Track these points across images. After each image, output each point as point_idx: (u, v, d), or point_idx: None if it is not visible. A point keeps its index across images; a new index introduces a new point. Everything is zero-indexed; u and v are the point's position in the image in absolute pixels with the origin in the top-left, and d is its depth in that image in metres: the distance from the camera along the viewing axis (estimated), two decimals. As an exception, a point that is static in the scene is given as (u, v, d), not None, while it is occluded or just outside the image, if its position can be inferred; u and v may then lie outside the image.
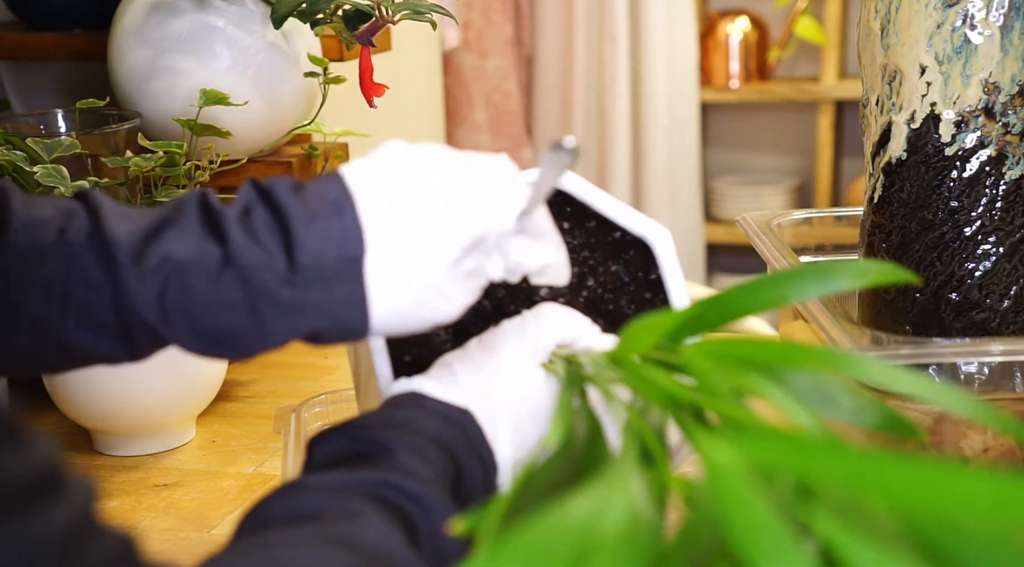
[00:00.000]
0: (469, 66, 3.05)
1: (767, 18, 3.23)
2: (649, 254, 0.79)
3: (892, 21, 0.93)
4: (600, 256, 0.80)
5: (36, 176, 1.03)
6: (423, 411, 0.65)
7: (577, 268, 0.79)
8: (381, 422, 0.63)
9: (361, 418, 0.64)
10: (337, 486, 0.57)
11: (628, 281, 0.80)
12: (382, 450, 0.61)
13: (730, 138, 3.40)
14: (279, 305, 0.63)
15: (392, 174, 0.65)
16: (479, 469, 0.65)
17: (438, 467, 0.62)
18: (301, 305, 0.63)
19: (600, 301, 0.80)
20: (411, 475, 0.59)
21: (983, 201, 0.91)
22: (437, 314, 0.65)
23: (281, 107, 1.28)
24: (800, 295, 0.62)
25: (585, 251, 0.80)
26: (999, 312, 0.91)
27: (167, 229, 0.64)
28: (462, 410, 0.65)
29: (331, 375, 1.26)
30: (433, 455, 0.62)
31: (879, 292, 0.96)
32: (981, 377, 0.90)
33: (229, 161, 1.21)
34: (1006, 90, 0.90)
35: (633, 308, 0.80)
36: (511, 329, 0.71)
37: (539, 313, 0.73)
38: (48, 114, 1.24)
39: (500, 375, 0.68)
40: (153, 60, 1.25)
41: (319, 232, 0.62)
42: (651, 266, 0.80)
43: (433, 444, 0.63)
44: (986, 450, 0.88)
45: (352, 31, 1.18)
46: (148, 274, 0.63)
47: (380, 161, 0.66)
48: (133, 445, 1.10)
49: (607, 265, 0.80)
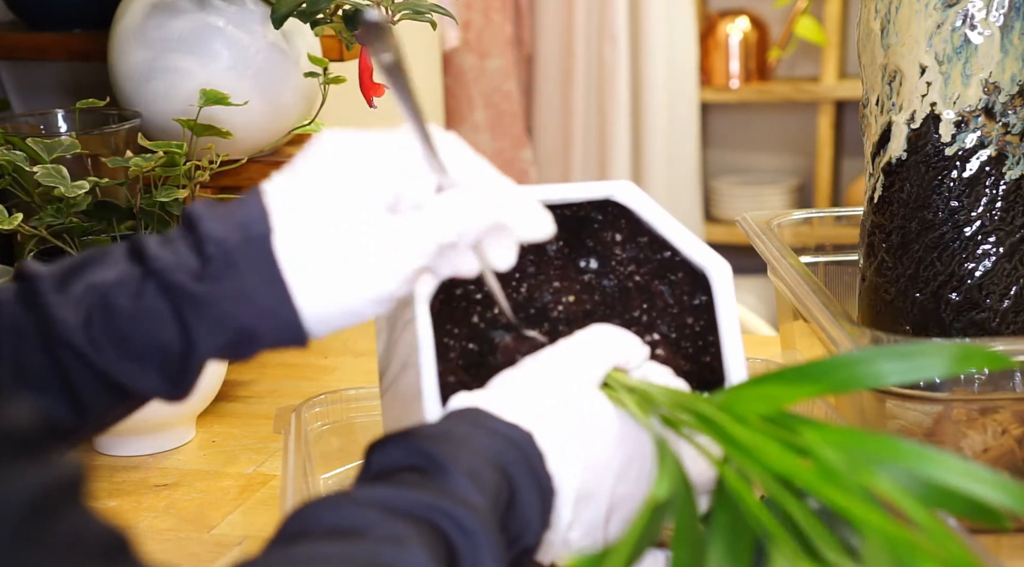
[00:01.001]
0: (469, 66, 3.05)
1: (767, 18, 3.23)
2: (697, 279, 0.77)
3: (892, 21, 0.93)
4: (647, 273, 0.78)
5: (36, 176, 1.03)
6: (484, 430, 0.63)
7: (619, 282, 0.78)
8: (440, 436, 0.62)
9: (421, 429, 0.62)
10: (387, 504, 0.56)
11: (672, 303, 0.78)
12: (438, 468, 0.59)
13: (730, 138, 3.40)
14: (198, 303, 0.60)
15: (297, 160, 0.64)
16: (536, 494, 0.63)
17: (491, 492, 0.60)
18: (218, 298, 0.60)
19: (639, 323, 0.78)
20: (462, 502, 0.57)
21: (983, 201, 0.91)
22: (371, 288, 0.62)
23: (281, 107, 1.28)
24: (898, 378, 0.63)
25: (632, 265, 0.78)
26: (999, 312, 0.91)
27: (91, 264, 0.63)
28: (524, 433, 0.64)
29: (331, 375, 1.26)
30: (489, 478, 0.60)
31: (879, 292, 0.96)
32: (981, 377, 0.90)
33: (229, 161, 1.21)
34: (1006, 90, 0.90)
35: (674, 333, 0.78)
36: (567, 350, 0.70)
37: (594, 334, 0.71)
38: (48, 114, 1.25)
39: (561, 398, 0.66)
40: (153, 60, 1.25)
41: (222, 222, 0.61)
42: (697, 291, 0.78)
43: (491, 466, 0.61)
44: (986, 450, 0.88)
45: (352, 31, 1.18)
46: (72, 303, 0.61)
47: (295, 158, 0.65)
48: (133, 445, 1.10)
49: (653, 284, 0.78)
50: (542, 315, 0.77)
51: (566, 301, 0.77)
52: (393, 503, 0.56)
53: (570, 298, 0.78)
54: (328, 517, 0.55)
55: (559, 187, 0.78)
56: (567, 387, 0.67)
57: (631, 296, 0.78)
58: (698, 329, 0.78)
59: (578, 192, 0.78)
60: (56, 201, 1.05)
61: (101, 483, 1.04)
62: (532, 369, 0.68)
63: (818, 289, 0.92)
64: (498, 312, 0.75)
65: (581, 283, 0.78)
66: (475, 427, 0.63)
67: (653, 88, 3.08)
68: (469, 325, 0.75)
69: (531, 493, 0.62)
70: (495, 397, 0.66)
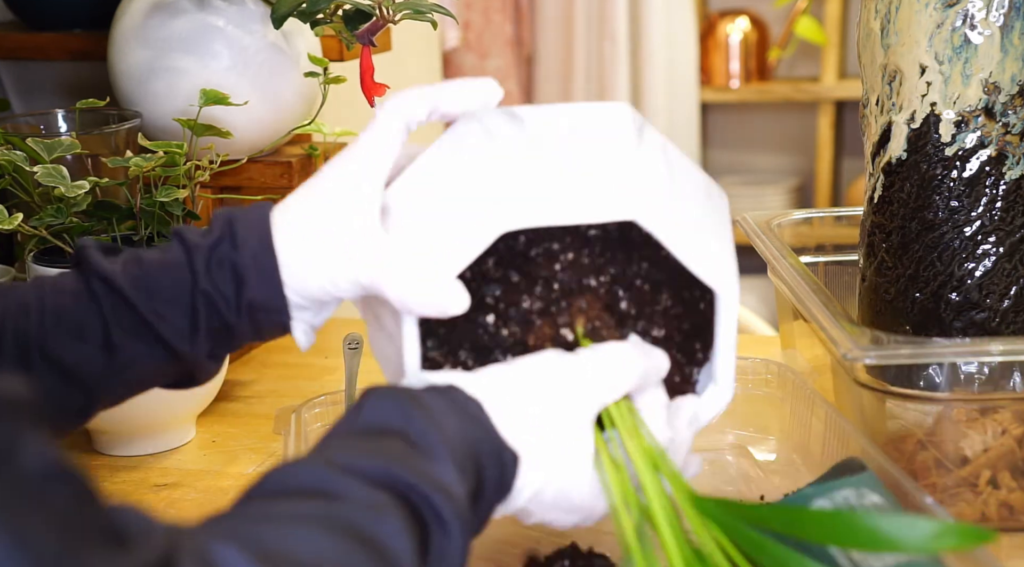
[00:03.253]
0: (469, 66, 3.05)
1: (767, 18, 3.23)
2: (705, 289, 0.75)
3: (892, 21, 0.93)
4: (655, 281, 0.76)
5: (36, 176, 1.03)
6: (481, 432, 0.64)
7: (630, 294, 0.75)
8: (439, 414, 0.62)
9: (422, 397, 0.63)
10: (368, 473, 0.57)
11: (672, 305, 0.76)
12: (428, 449, 0.60)
13: (730, 138, 3.40)
14: (204, 249, 0.70)
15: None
16: (495, 503, 0.66)
17: (471, 485, 0.62)
18: (219, 244, 0.70)
19: (640, 317, 0.75)
20: (445, 491, 0.58)
21: (983, 201, 0.91)
22: (350, 264, 0.69)
23: (281, 107, 1.28)
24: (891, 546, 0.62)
25: (638, 279, 0.75)
26: (999, 312, 0.91)
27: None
28: (512, 455, 0.65)
29: (331, 375, 1.26)
30: (471, 473, 0.62)
31: (879, 292, 0.96)
32: (981, 377, 0.90)
33: (229, 161, 1.21)
34: (1006, 90, 0.90)
35: (670, 332, 0.76)
36: (580, 368, 0.69)
37: (612, 356, 0.70)
38: (48, 114, 1.24)
39: (554, 430, 0.66)
40: (153, 60, 1.25)
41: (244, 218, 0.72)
42: (703, 298, 0.76)
43: (473, 463, 0.63)
44: (986, 450, 0.88)
45: (352, 31, 1.18)
46: (116, 260, 0.72)
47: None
48: (133, 445, 1.10)
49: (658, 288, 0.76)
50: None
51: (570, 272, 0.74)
52: (374, 473, 0.57)
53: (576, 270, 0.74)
54: (308, 478, 0.57)
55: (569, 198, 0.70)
56: (563, 420, 0.67)
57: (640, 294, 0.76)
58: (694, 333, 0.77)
59: (593, 213, 0.70)
60: (56, 201, 1.05)
61: (101, 483, 1.04)
62: (539, 383, 0.68)
63: (818, 289, 0.92)
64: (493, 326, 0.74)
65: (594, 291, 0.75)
66: (474, 424, 0.64)
67: (653, 88, 3.08)
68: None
69: (493, 501, 0.65)
70: (497, 401, 0.66)
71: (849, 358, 0.82)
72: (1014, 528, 0.88)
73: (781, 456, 1.00)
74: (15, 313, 0.70)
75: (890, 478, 0.78)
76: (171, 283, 0.70)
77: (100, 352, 0.70)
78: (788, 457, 0.99)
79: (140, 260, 0.71)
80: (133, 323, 0.70)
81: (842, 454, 0.87)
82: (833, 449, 0.90)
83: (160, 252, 0.71)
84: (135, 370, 0.71)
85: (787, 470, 0.97)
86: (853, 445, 0.86)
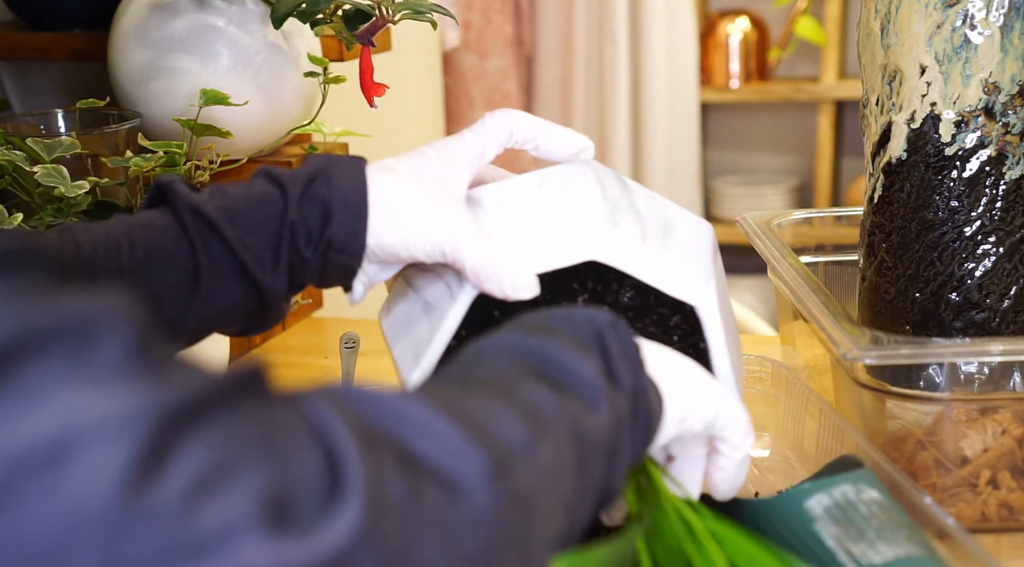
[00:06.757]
0: (469, 66, 3.05)
1: (767, 18, 3.23)
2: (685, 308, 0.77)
3: (892, 21, 0.93)
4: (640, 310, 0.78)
5: (36, 176, 1.03)
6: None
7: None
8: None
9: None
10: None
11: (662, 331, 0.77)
12: (573, 381, 0.59)
13: (730, 138, 3.40)
14: (295, 178, 0.74)
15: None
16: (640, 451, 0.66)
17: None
18: (311, 179, 0.73)
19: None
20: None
21: (983, 201, 0.91)
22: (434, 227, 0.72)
23: (281, 107, 1.28)
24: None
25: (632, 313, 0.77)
26: (999, 312, 0.91)
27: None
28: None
29: (331, 375, 1.26)
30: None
31: (879, 292, 0.96)
32: (981, 377, 0.90)
33: (229, 161, 1.21)
34: (1006, 90, 0.90)
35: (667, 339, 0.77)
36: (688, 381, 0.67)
37: (700, 387, 0.67)
38: (48, 114, 1.24)
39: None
40: (153, 60, 1.25)
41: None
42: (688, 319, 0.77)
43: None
44: (986, 450, 0.88)
45: (352, 31, 1.18)
46: (203, 193, 0.74)
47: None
48: (133, 445, 1.10)
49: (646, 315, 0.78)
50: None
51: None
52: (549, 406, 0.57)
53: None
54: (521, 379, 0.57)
55: (535, 252, 0.74)
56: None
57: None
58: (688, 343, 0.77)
59: (552, 261, 0.73)
60: (56, 201, 1.05)
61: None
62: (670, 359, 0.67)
63: (818, 289, 0.92)
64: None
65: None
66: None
67: (653, 88, 3.08)
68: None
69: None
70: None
71: (849, 358, 0.82)
72: (1014, 528, 0.89)
73: (775, 453, 1.00)
74: (105, 247, 0.71)
75: (885, 474, 0.78)
76: (259, 214, 0.73)
77: (187, 282, 0.72)
78: (782, 454, 0.99)
79: (225, 193, 0.74)
80: (220, 251, 0.72)
81: (837, 451, 0.87)
82: (828, 446, 0.90)
83: (244, 187, 0.74)
84: (215, 301, 0.73)
85: (781, 467, 0.97)
86: (848, 442, 0.86)
